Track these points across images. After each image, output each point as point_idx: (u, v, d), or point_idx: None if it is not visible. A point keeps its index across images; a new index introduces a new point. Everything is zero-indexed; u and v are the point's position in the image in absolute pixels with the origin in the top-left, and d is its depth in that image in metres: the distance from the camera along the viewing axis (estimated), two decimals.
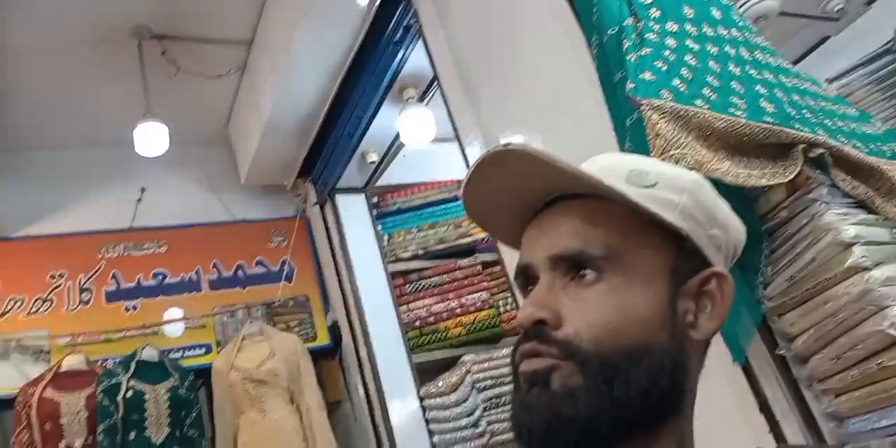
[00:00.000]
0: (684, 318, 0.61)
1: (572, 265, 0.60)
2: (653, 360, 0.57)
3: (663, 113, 1.24)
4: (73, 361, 2.50)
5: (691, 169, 1.19)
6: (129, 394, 2.39)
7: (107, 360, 2.61)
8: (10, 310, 2.67)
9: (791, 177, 1.27)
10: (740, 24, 1.45)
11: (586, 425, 0.55)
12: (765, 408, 1.30)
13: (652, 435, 0.59)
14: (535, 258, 0.63)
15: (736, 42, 1.43)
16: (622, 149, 1.46)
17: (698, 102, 1.29)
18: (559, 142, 1.64)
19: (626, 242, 0.60)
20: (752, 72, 1.40)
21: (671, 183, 0.63)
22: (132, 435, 2.36)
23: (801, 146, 1.28)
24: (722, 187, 0.83)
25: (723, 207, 0.66)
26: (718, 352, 1.34)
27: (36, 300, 2.72)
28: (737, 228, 0.67)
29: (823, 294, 1.24)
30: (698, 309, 0.61)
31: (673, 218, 0.61)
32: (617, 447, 0.57)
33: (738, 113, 1.30)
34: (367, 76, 2.57)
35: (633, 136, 1.40)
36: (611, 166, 0.64)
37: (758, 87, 1.40)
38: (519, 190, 0.65)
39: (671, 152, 1.24)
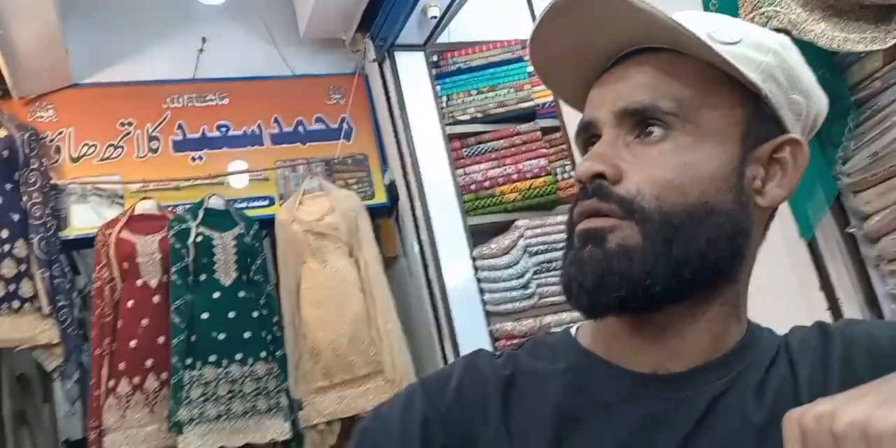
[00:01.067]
0: (752, 183, 0.59)
1: (639, 121, 0.58)
2: (714, 221, 0.56)
3: None
4: (145, 206, 2.63)
5: (781, 30, 1.10)
6: (199, 239, 2.53)
7: (176, 206, 2.74)
8: (84, 155, 2.78)
9: (892, 43, 1.17)
10: None
11: (638, 282, 0.54)
12: (826, 286, 1.29)
13: (704, 299, 0.58)
14: (599, 113, 0.60)
15: None
16: (707, 8, 1.35)
17: None
18: None
19: (699, 98, 0.58)
20: None
21: (756, 42, 0.59)
22: (203, 277, 2.53)
23: None
24: (812, 52, 0.76)
25: (808, 74, 0.62)
26: (784, 226, 1.32)
27: (108, 146, 2.81)
28: (820, 98, 0.63)
29: None
30: (767, 176, 0.59)
31: (754, 76, 0.57)
32: (667, 308, 0.57)
33: None
34: None
35: None
36: (694, 22, 0.59)
37: None
38: (589, 41, 0.61)
39: (762, 9, 1.14)
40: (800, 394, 0.56)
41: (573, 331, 0.67)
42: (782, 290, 1.36)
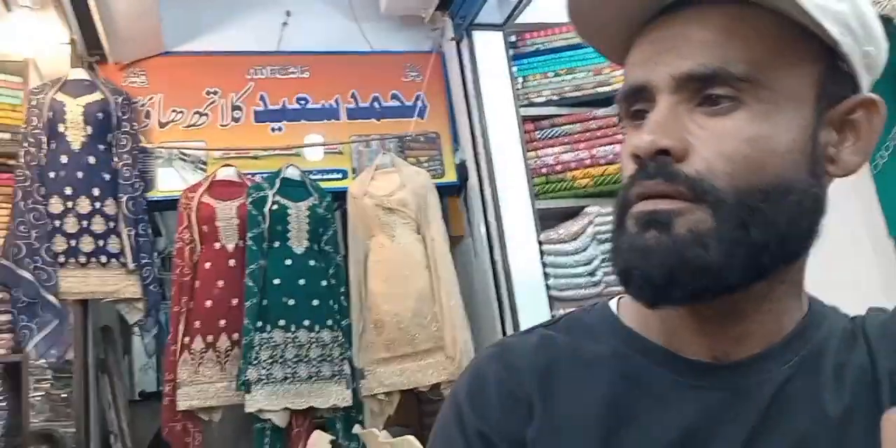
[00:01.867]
0: (826, 150, 0.53)
1: (704, 87, 0.51)
2: (794, 199, 0.50)
3: None
4: (226, 172, 2.73)
5: (886, 18, 1.05)
6: (275, 207, 2.62)
7: (255, 174, 2.83)
8: (171, 121, 2.90)
9: None
10: None
11: (714, 273, 0.49)
12: None
13: (773, 280, 0.53)
14: (654, 77, 0.52)
15: None
16: None
17: None
18: None
19: (773, 59, 0.50)
20: None
21: None
22: (277, 244, 2.62)
23: None
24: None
25: (876, 19, 0.54)
26: (871, 223, 1.28)
27: (194, 113, 2.93)
28: (885, 44, 0.56)
29: None
30: (839, 140, 0.54)
31: (834, 30, 0.50)
32: (737, 293, 0.52)
33: None
34: None
35: None
36: None
37: None
38: None
39: None
40: (880, 385, 0.52)
41: (613, 307, 0.62)
42: (864, 287, 1.33)
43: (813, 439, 0.51)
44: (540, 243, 2.70)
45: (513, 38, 3.08)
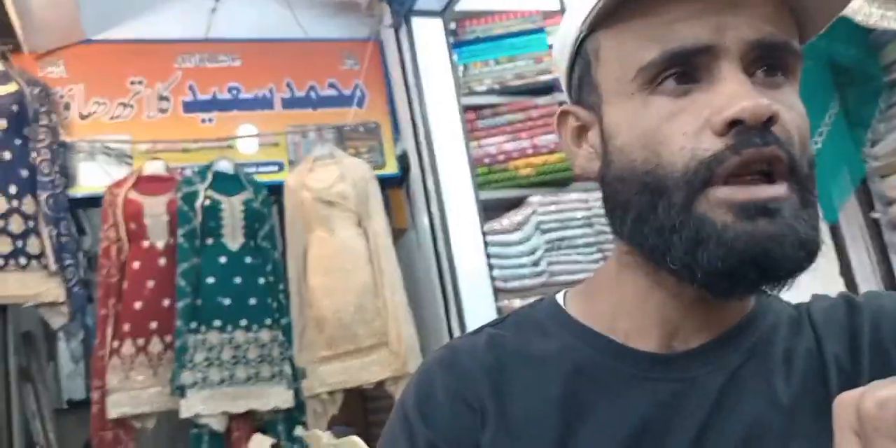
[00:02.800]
0: None
1: (767, 57, 0.49)
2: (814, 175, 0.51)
3: None
4: (154, 167, 2.60)
5: None
6: (207, 202, 2.51)
7: (185, 168, 2.71)
8: (93, 113, 2.75)
9: None
10: None
11: (814, 255, 0.48)
12: (846, 270, 1.26)
13: None
14: (723, 39, 0.48)
15: None
16: None
17: None
18: None
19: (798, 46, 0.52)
20: None
21: None
22: (210, 241, 2.51)
23: None
24: (847, 29, 0.71)
25: None
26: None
27: (118, 105, 2.78)
28: None
29: None
30: None
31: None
32: None
33: None
34: None
35: None
36: None
37: None
38: None
39: None
40: (827, 370, 0.52)
41: (560, 300, 0.61)
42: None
43: (765, 425, 0.51)
44: (484, 234, 2.67)
45: (452, 26, 3.02)
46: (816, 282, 1.33)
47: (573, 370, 0.54)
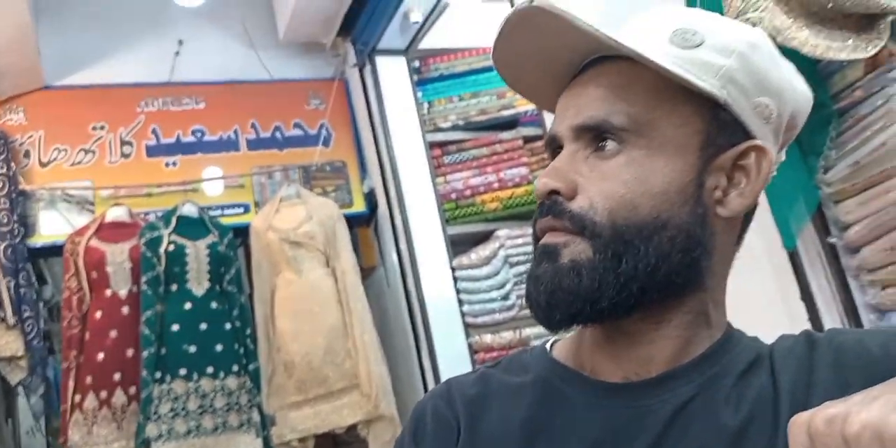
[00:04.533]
0: (712, 193, 0.58)
1: (595, 136, 0.58)
2: (666, 235, 0.56)
3: None
4: (116, 213, 2.56)
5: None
6: (171, 247, 2.46)
7: (148, 213, 2.67)
8: (54, 160, 2.71)
9: (873, 52, 1.15)
10: None
11: (586, 298, 0.55)
12: (807, 296, 1.27)
13: (666, 307, 0.58)
14: (560, 128, 0.60)
15: None
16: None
17: None
18: (624, 2, 1.48)
19: (652, 111, 0.57)
20: None
21: (720, 43, 0.57)
22: (174, 287, 2.46)
23: (892, 17, 1.15)
24: (795, 60, 0.73)
25: (781, 72, 0.60)
26: (765, 235, 1.30)
27: (79, 151, 2.74)
28: (797, 96, 0.61)
29: (887, 182, 1.18)
30: (730, 184, 0.58)
31: (708, 84, 0.56)
32: (631, 317, 0.57)
33: None
34: None
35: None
36: (656, 23, 0.60)
37: None
38: (552, 51, 0.61)
39: (748, 15, 1.12)
40: (780, 402, 0.55)
41: (549, 345, 0.68)
42: (763, 299, 1.35)
43: None
44: (453, 269, 2.65)
45: (416, 64, 3.06)
46: (779, 308, 1.33)
47: (540, 398, 0.61)
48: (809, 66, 1.25)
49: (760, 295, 1.36)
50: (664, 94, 0.57)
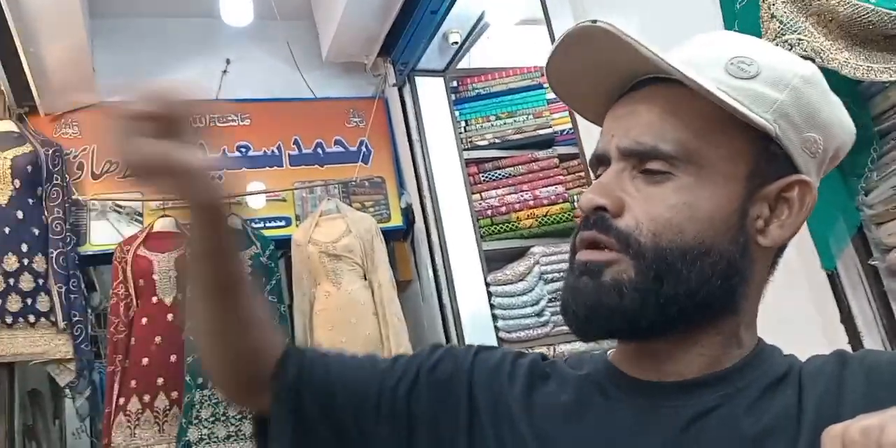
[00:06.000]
0: (754, 222, 0.59)
1: (643, 159, 0.59)
2: (708, 261, 0.57)
3: None
4: (164, 223, 2.65)
5: (806, 58, 1.09)
6: None
7: None
8: (106, 172, 2.82)
9: None
10: None
11: (626, 316, 0.57)
12: (847, 318, 1.26)
13: (698, 329, 0.59)
14: (608, 147, 0.61)
15: None
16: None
17: None
18: (659, 23, 1.52)
19: (703, 140, 0.58)
20: None
21: (775, 76, 0.58)
22: None
23: None
24: (836, 81, 0.76)
25: (831, 108, 0.61)
26: (805, 256, 1.29)
27: None
28: (842, 132, 0.62)
29: None
30: (772, 215, 0.60)
31: (761, 117, 0.57)
32: (658, 338, 0.60)
33: None
34: None
35: (742, 20, 1.29)
36: (714, 50, 0.60)
37: None
38: (606, 68, 0.62)
39: (785, 37, 1.14)
40: (804, 416, 0.55)
41: (609, 350, 0.71)
42: (802, 321, 1.33)
43: None
44: (487, 285, 2.68)
45: (454, 84, 3.13)
46: (818, 330, 1.33)
47: (584, 387, 0.65)
48: (851, 87, 1.26)
49: (800, 317, 1.34)
50: (716, 123, 0.58)
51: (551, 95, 3.03)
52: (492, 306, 2.65)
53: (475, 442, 0.64)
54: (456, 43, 2.95)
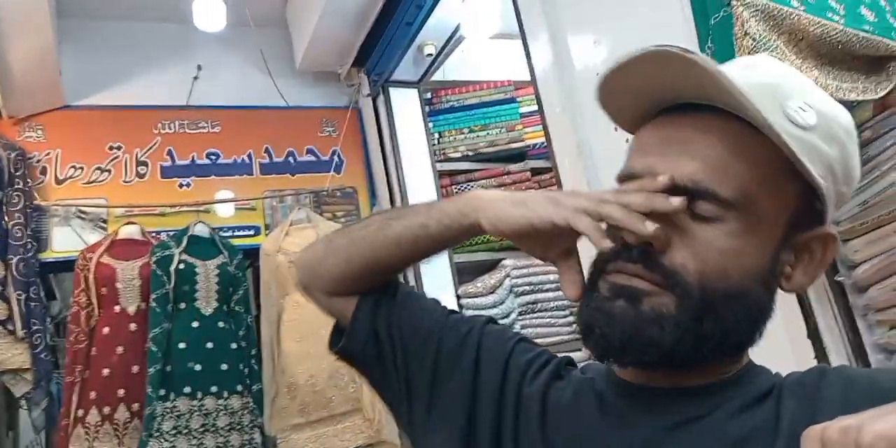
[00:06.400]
0: (783, 268, 0.60)
1: (694, 198, 0.56)
2: (745, 304, 0.58)
3: (755, 11, 1.15)
4: (129, 231, 2.59)
5: None
6: (182, 266, 2.49)
7: (160, 232, 2.70)
8: (70, 177, 2.75)
9: (882, 93, 1.19)
10: None
11: (662, 350, 0.56)
12: (814, 334, 1.28)
13: (718, 362, 0.61)
14: (657, 171, 0.58)
15: None
16: (703, 50, 1.38)
17: (794, 3, 1.19)
18: (633, 40, 1.54)
19: (760, 188, 0.57)
20: None
21: (827, 128, 0.58)
22: (182, 305, 2.48)
23: None
24: None
25: (858, 160, 0.62)
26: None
27: (95, 169, 2.79)
28: (856, 181, 0.64)
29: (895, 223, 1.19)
30: (797, 262, 0.61)
31: (818, 173, 0.56)
32: (683, 369, 0.60)
33: (836, 18, 1.20)
34: None
35: (717, 37, 1.31)
36: (767, 83, 0.59)
37: None
38: (659, 87, 0.60)
39: (759, 55, 1.16)
40: (780, 426, 0.57)
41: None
42: (769, 337, 1.34)
43: None
44: (458, 297, 2.67)
45: (428, 95, 3.13)
46: (786, 345, 1.34)
47: (584, 388, 0.68)
48: None
49: (767, 333, 1.36)
50: (776, 172, 0.57)
51: (524, 109, 3.05)
52: None
53: (476, 418, 0.69)
54: (431, 55, 2.96)
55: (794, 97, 0.58)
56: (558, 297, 2.67)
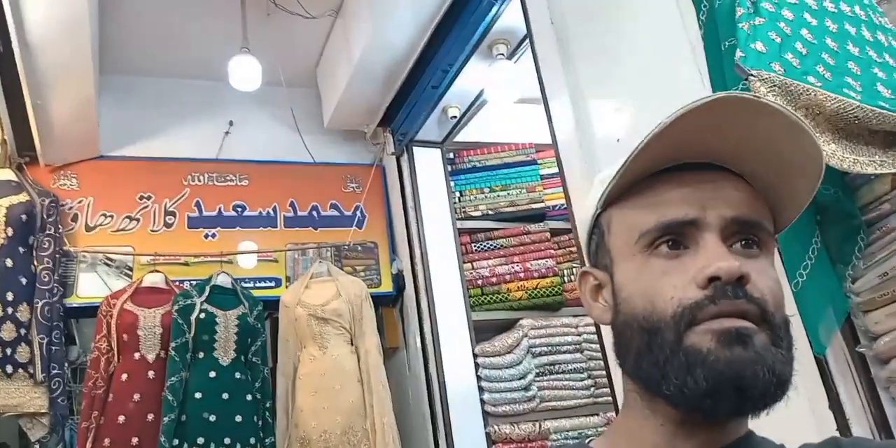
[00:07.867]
0: None
1: (743, 231, 0.59)
2: (791, 335, 0.59)
3: (772, 86, 1.19)
4: (153, 279, 2.64)
5: None
6: (203, 315, 2.51)
7: (184, 281, 2.74)
8: (99, 225, 2.82)
9: None
10: (865, 1, 1.37)
11: (786, 388, 0.55)
12: (836, 405, 1.26)
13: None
14: (705, 215, 0.59)
15: (857, 20, 1.35)
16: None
17: (810, 79, 1.22)
18: (652, 108, 1.59)
19: (770, 226, 0.63)
20: (871, 53, 1.32)
21: None
22: (201, 354, 2.49)
23: None
24: (825, 172, 0.81)
25: None
26: (796, 343, 1.30)
27: (124, 218, 2.86)
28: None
29: None
30: None
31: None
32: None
33: (853, 95, 1.24)
34: (458, 29, 2.54)
35: None
36: None
37: (875, 70, 1.32)
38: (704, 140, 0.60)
39: None
40: None
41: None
42: (791, 407, 1.33)
43: None
44: (475, 356, 2.66)
45: (451, 155, 3.21)
46: (807, 416, 1.32)
47: None
48: (839, 178, 1.31)
49: (788, 404, 1.35)
50: (769, 215, 0.63)
51: (545, 171, 3.12)
52: (478, 378, 2.61)
53: None
54: (455, 117, 3.05)
55: None
56: (576, 359, 2.65)
